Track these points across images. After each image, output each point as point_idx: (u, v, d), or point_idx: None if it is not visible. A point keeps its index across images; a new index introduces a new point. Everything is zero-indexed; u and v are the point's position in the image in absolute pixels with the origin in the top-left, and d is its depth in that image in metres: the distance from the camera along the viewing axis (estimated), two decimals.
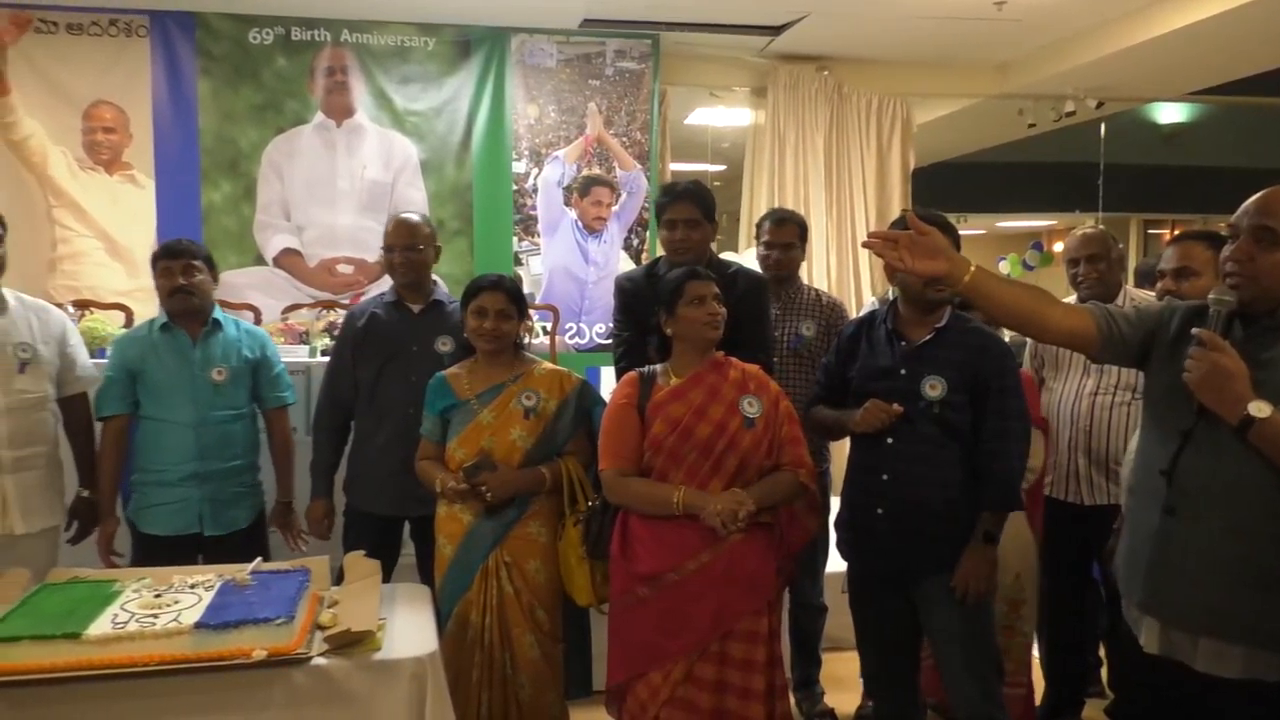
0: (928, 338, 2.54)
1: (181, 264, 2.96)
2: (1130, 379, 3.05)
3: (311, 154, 5.42)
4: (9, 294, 2.83)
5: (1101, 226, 3.45)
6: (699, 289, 2.54)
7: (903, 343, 2.57)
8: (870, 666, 2.78)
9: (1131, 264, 7.33)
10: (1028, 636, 3.13)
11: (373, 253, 5.42)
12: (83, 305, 4.49)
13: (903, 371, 2.54)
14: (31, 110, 5.13)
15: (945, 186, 9.00)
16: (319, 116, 5.41)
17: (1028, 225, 13.23)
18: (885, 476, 2.53)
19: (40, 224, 5.13)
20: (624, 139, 5.72)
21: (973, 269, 1.94)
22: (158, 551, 2.90)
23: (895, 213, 5.48)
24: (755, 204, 6.06)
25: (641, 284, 3.06)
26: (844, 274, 6.04)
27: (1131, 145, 9.05)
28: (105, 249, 5.30)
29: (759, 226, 3.59)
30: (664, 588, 2.45)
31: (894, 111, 6.10)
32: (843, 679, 3.62)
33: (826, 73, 5.97)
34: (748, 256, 4.55)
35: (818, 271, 5.91)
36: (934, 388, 2.48)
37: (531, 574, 2.72)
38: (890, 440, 2.51)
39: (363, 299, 5.08)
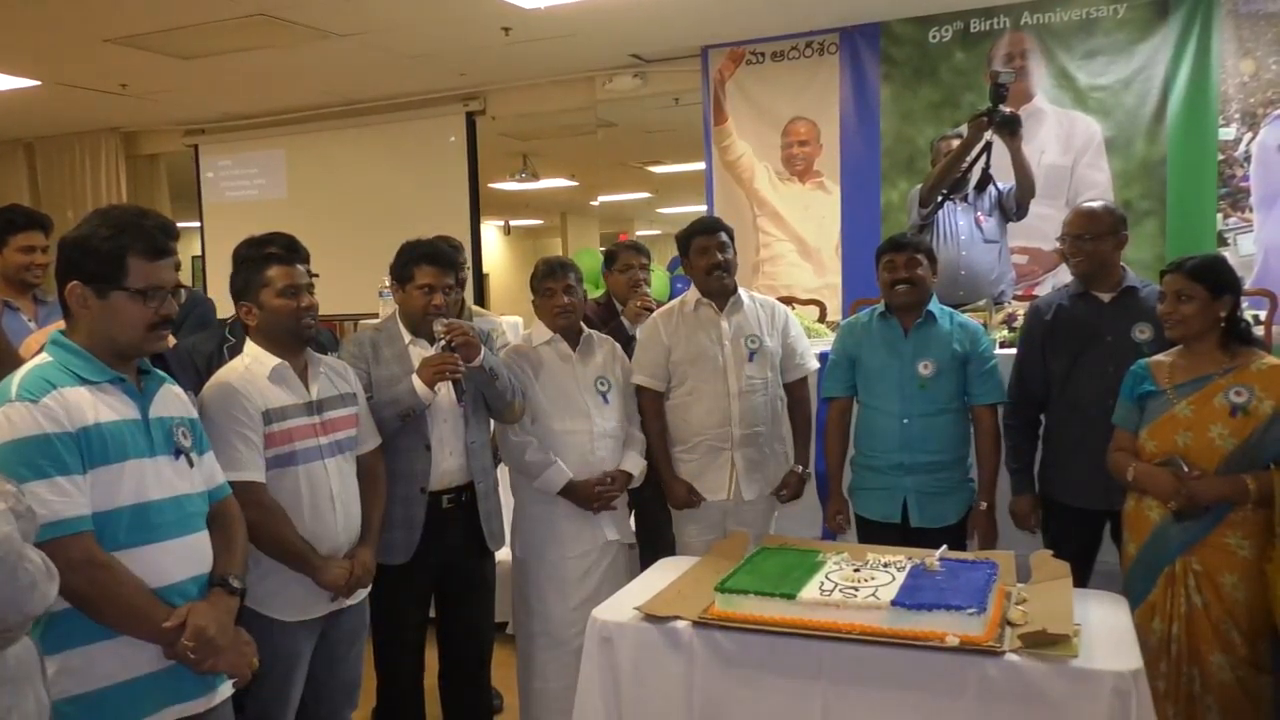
0: None
1: (905, 257, 3.04)
2: None
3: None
4: (743, 293, 3.27)
5: None
6: None
7: None
8: None
9: None
10: None
11: (1048, 241, 5.18)
12: (786, 301, 5.05)
13: None
14: (743, 133, 5.94)
15: None
16: None
17: None
18: None
19: (747, 231, 5.90)
20: None
21: None
22: (870, 533, 3.08)
23: None
24: None
25: None
26: None
27: None
28: (797, 250, 5.92)
29: None
30: None
31: None
32: None
33: None
34: None
35: None
36: None
37: (1227, 589, 2.47)
38: None
39: (1038, 290, 4.94)
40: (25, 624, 1.39)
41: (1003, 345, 3.66)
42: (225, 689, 1.95)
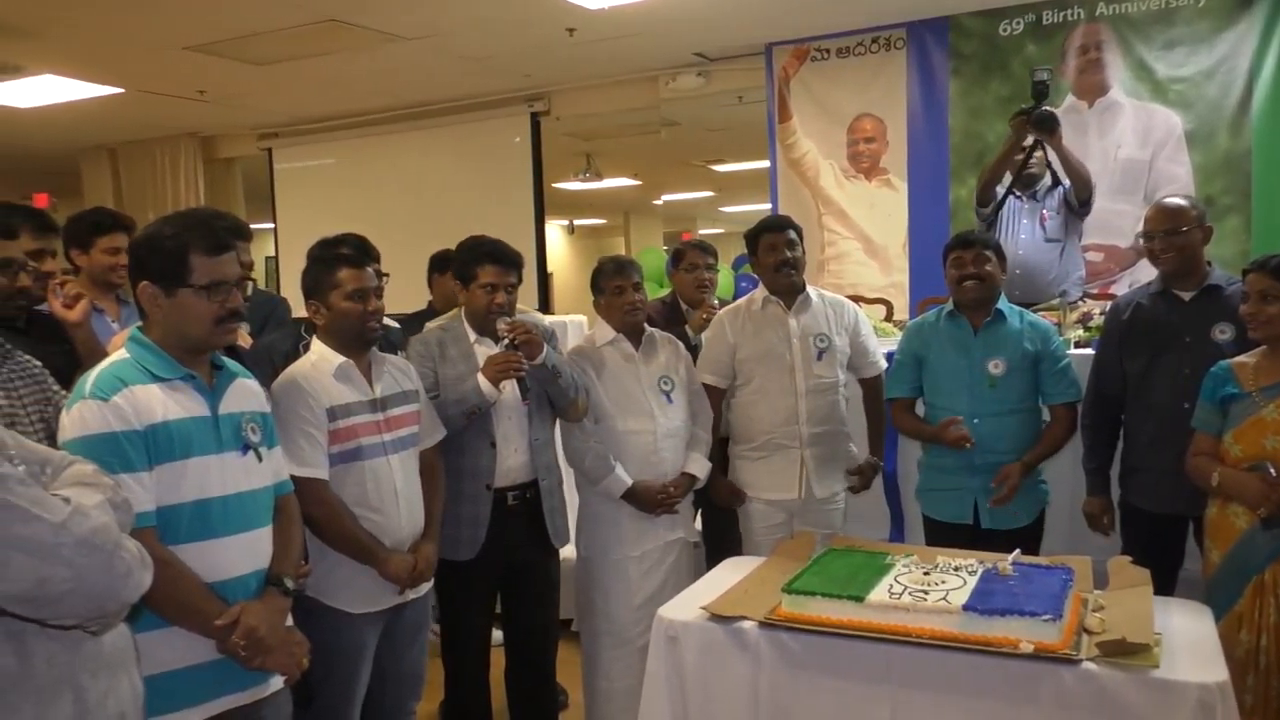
0: None
1: (973, 253, 2.99)
2: None
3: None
4: (812, 291, 3.24)
5: None
6: None
7: None
8: None
9: None
10: None
11: (1125, 238, 5.06)
12: (852, 300, 4.99)
13: None
14: (807, 131, 5.89)
15: None
16: (1069, 99, 5.22)
17: None
18: None
19: (812, 230, 5.83)
20: None
21: None
22: (940, 535, 3.03)
23: None
24: None
25: None
26: None
27: None
28: (863, 249, 5.84)
29: None
30: None
31: None
32: None
33: None
34: None
35: None
36: None
37: None
38: None
39: (1114, 288, 4.80)
40: (121, 611, 1.44)
41: (1078, 345, 3.57)
42: (276, 681, 1.99)
